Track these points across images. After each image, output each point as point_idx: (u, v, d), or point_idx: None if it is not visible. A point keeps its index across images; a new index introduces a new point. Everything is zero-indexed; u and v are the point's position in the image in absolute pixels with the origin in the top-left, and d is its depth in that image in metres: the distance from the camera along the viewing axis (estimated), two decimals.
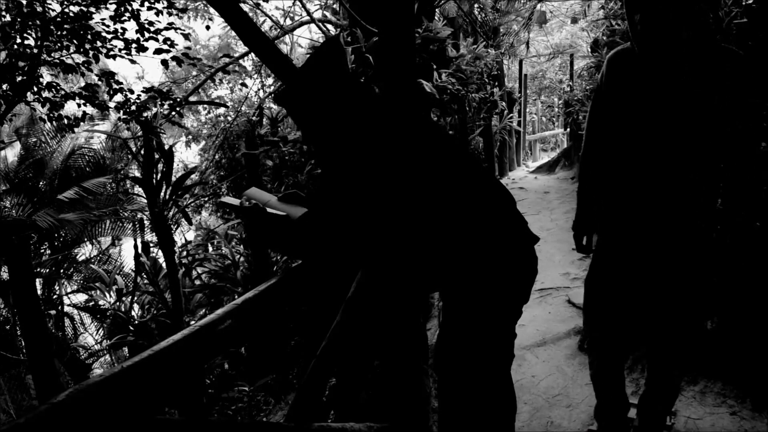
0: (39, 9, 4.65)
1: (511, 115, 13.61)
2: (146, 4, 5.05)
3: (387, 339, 2.41)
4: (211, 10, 10.75)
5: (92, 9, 4.81)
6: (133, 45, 5.06)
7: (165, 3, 5.13)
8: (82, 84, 5.39)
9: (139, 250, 9.21)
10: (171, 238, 7.17)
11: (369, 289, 2.06)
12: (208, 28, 6.74)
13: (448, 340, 1.77)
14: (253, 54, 8.95)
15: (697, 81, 1.91)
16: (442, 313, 1.81)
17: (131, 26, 5.04)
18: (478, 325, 1.73)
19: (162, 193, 7.13)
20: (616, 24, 9.63)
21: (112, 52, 5.04)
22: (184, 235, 12.44)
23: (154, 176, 6.98)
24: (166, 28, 5.10)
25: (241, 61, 10.70)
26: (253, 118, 8.80)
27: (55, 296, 9.82)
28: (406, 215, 1.71)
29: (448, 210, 1.69)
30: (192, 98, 10.46)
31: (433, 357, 1.88)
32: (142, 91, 5.50)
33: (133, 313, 8.66)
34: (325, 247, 1.87)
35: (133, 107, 5.46)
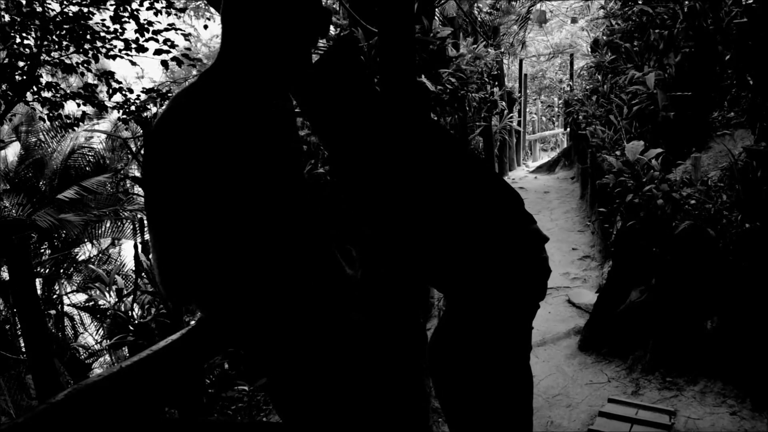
0: (38, 9, 4.65)
1: (511, 114, 13.60)
2: (145, 4, 5.05)
3: (386, 337, 2.41)
4: (212, 9, 10.74)
5: (92, 9, 4.81)
6: (133, 45, 5.06)
7: (164, 3, 5.13)
8: (82, 84, 5.39)
9: (140, 250, 9.20)
10: None
11: (368, 287, 2.06)
12: (206, 27, 6.74)
13: (453, 340, 1.76)
14: None
15: None
16: (445, 312, 1.80)
17: (131, 27, 5.04)
18: (486, 324, 1.72)
19: None
20: (616, 24, 9.65)
21: (111, 53, 5.04)
22: None
23: None
24: (166, 29, 5.10)
25: None
26: None
27: (55, 296, 9.82)
28: (407, 214, 1.71)
29: (451, 209, 1.69)
30: None
31: (429, 355, 1.85)
32: (142, 91, 5.50)
33: (133, 313, 8.66)
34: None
35: (133, 107, 5.46)
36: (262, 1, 1.46)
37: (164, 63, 5.14)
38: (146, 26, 5.02)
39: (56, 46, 4.92)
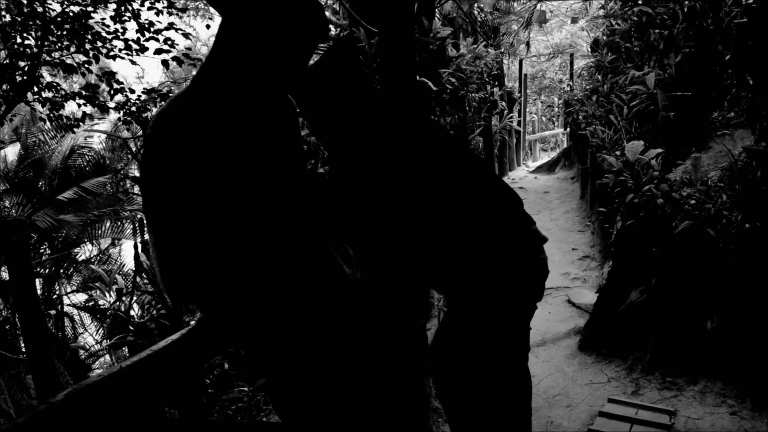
0: (39, 9, 4.65)
1: (511, 114, 13.60)
2: (146, 3, 5.05)
3: (386, 338, 2.41)
4: (212, 9, 10.75)
5: (92, 9, 4.81)
6: (134, 45, 5.06)
7: (165, 3, 5.13)
8: (83, 83, 5.39)
9: (140, 250, 9.20)
10: None
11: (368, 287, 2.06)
12: (208, 27, 6.74)
13: (454, 340, 1.76)
14: None
15: None
16: (446, 313, 1.81)
17: (131, 26, 5.05)
18: (485, 325, 1.72)
19: None
20: (616, 24, 9.65)
21: (112, 53, 5.03)
22: None
23: None
24: (167, 28, 5.09)
25: None
26: None
27: (55, 296, 9.81)
28: (407, 215, 1.71)
29: (450, 210, 1.69)
30: None
31: (431, 356, 1.85)
32: (143, 92, 5.49)
33: (132, 313, 8.65)
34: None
35: (134, 107, 5.45)
36: (264, 6, 1.47)
37: (165, 63, 5.14)
38: (147, 26, 5.02)
39: (57, 46, 4.91)
